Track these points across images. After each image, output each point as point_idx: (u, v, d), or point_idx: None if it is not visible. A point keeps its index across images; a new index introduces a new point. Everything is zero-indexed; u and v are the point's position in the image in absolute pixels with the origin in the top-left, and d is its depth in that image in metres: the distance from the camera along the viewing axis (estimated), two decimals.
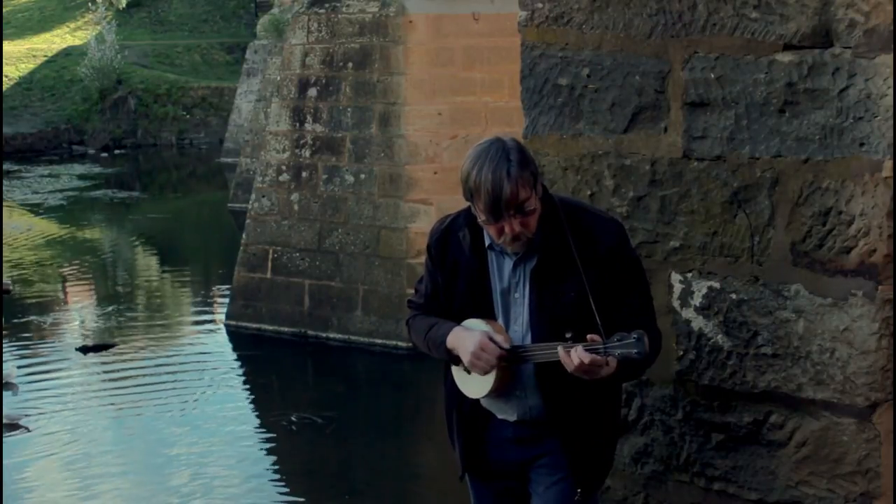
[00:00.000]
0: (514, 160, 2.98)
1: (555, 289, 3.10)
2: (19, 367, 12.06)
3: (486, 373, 3.12)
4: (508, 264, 3.17)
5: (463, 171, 3.05)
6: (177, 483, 9.18)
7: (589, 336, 2.95)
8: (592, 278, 3.04)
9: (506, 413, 3.24)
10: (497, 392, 3.17)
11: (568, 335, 2.97)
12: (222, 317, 14.26)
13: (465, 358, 3.11)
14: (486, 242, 3.18)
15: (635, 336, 2.90)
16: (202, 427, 10.52)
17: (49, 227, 22.47)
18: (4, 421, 11.20)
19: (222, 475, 9.35)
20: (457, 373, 3.27)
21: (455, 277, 3.23)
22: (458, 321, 3.20)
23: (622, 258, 3.12)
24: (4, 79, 35.50)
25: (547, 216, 3.09)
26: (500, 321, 3.18)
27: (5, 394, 11.29)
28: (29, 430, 11.11)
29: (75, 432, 10.42)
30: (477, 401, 3.26)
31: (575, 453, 3.18)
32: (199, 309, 16.34)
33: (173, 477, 9.31)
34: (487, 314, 3.18)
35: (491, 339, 3.08)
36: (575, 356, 2.93)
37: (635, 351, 2.90)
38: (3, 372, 11.53)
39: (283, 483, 9.38)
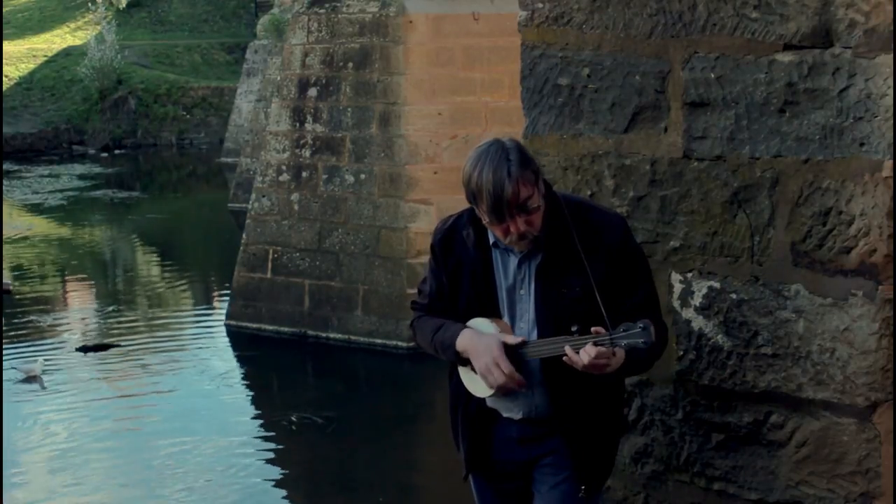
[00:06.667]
0: (513, 160, 2.99)
1: (560, 285, 3.10)
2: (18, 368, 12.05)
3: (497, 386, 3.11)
4: (513, 261, 3.17)
5: (464, 174, 3.06)
6: (176, 482, 9.18)
7: (594, 328, 2.95)
8: (597, 273, 3.04)
9: (511, 411, 3.24)
10: (504, 390, 3.17)
11: (574, 328, 2.97)
12: (222, 317, 14.26)
13: (478, 367, 3.11)
14: (491, 240, 3.18)
15: (641, 325, 2.89)
16: (202, 427, 10.52)
17: (49, 227, 22.47)
18: (22, 375, 11.59)
19: (222, 475, 9.35)
20: (463, 372, 3.26)
21: (460, 276, 3.22)
22: (464, 320, 3.20)
23: (626, 252, 3.12)
24: (4, 79, 35.50)
25: (551, 213, 3.09)
26: (506, 319, 3.18)
27: (32, 387, 11.53)
28: (44, 388, 11.39)
29: (74, 432, 10.41)
30: (483, 401, 3.25)
31: (579, 451, 3.18)
32: (199, 309, 16.34)
33: (172, 476, 9.31)
34: (493, 312, 3.18)
35: (503, 343, 3.07)
36: (584, 354, 2.93)
37: (641, 340, 2.89)
38: (29, 366, 11.84)
39: (283, 483, 9.38)
